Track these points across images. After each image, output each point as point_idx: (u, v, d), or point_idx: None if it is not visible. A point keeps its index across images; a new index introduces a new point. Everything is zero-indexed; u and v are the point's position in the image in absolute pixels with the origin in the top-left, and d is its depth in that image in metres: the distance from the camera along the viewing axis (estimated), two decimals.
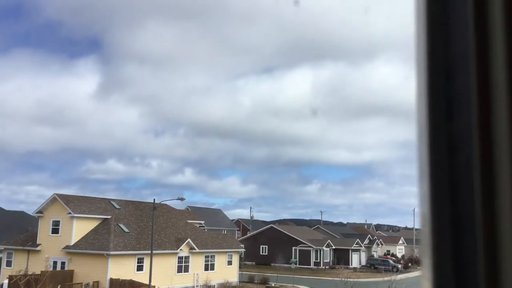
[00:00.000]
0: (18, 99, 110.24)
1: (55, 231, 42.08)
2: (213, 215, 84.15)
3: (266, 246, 75.89)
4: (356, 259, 79.07)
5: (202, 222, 60.87)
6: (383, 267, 71.56)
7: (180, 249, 44.58)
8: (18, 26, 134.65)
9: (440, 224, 0.69)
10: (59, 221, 42.03)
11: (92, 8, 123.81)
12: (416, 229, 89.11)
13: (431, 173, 0.71)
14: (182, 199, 41.52)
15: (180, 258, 44.94)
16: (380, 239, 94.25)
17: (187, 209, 69.53)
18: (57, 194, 42.98)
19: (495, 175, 0.65)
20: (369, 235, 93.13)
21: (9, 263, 42.89)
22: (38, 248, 42.05)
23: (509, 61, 0.65)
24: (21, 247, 42.74)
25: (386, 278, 32.05)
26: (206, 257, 47.87)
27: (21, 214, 56.91)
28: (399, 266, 72.70)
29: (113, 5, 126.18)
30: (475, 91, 0.69)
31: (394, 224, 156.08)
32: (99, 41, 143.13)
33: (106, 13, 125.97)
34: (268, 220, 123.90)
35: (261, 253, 75.66)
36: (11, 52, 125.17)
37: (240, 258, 55.16)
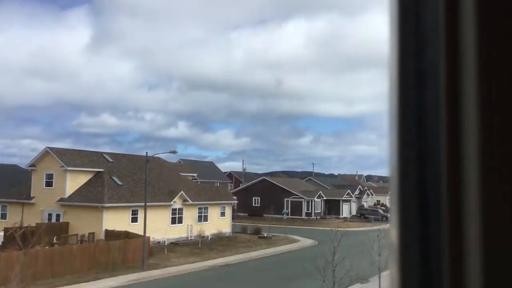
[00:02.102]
0: (10, 52, 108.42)
1: (48, 184, 42.34)
2: (205, 168, 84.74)
3: (259, 198, 77.03)
4: (347, 209, 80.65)
5: (195, 174, 61.36)
6: (372, 216, 73.17)
7: (174, 201, 45.17)
8: None
9: (406, 168, 0.74)
10: (52, 174, 42.22)
11: None
12: None
13: (399, 119, 0.75)
14: (174, 152, 41.74)
15: (173, 210, 45.60)
16: (371, 190, 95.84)
17: (180, 162, 69.94)
18: (49, 148, 42.98)
19: (461, 117, 0.68)
20: (359, 186, 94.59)
21: (3, 216, 43.36)
22: (32, 201, 42.43)
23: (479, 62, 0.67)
24: (15, 200, 43.11)
25: (375, 227, 32.85)
26: (199, 209, 48.59)
27: (14, 168, 56.98)
28: (389, 215, 74.12)
29: None
30: (443, 60, 0.71)
31: (385, 175, 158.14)
32: None
33: None
34: (260, 172, 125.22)
35: (253, 205, 76.87)
36: (1, 4, 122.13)
37: (233, 210, 56.07)
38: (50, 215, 41.45)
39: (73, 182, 41.86)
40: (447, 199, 0.67)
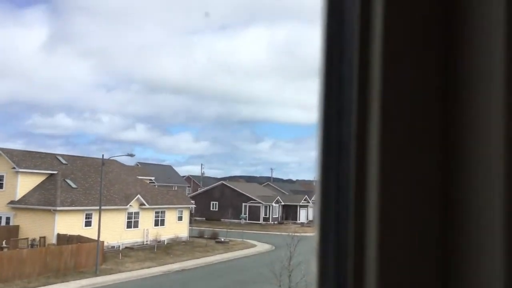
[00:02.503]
0: None
1: None
2: (163, 172, 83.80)
3: (217, 202, 76.76)
4: (304, 215, 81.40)
5: (153, 178, 60.59)
6: None
7: (130, 205, 44.41)
8: None
9: (327, 184, 0.81)
10: (3, 176, 40.78)
11: None
12: None
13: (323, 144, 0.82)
14: (131, 155, 41.25)
15: (129, 214, 44.82)
16: None
17: (137, 165, 68.90)
18: (0, 148, 41.48)
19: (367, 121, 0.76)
20: None
21: None
22: None
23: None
24: None
25: None
26: (156, 213, 47.95)
27: None
28: None
29: None
30: (355, 102, 0.77)
31: None
32: None
33: None
34: (219, 176, 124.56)
35: (211, 209, 76.53)
36: None
37: (191, 214, 55.63)
38: None
39: (25, 184, 40.53)
40: (353, 220, 0.75)
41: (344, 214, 0.77)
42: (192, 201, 58.18)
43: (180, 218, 50.99)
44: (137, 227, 45.55)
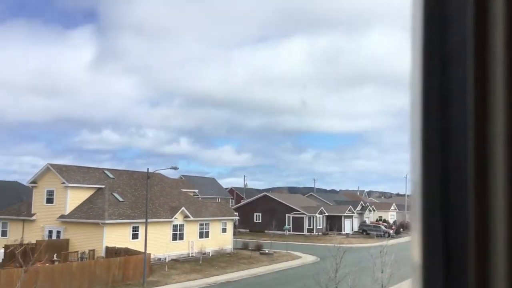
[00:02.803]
0: (14, 70, 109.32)
1: (49, 200, 42.20)
2: (207, 184, 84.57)
3: (260, 214, 76.68)
4: (349, 225, 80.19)
5: (196, 191, 61.21)
6: (375, 232, 72.72)
7: (175, 218, 44.97)
8: None
9: (430, 187, 0.71)
10: (53, 190, 42.10)
11: None
12: (407, 195, 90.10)
13: (423, 139, 0.73)
14: (175, 168, 41.67)
15: (174, 226, 45.37)
16: (372, 206, 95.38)
17: (181, 178, 69.79)
18: (50, 164, 42.92)
19: (488, 137, 0.66)
20: (361, 202, 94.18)
21: (4, 233, 43.14)
22: (33, 218, 42.25)
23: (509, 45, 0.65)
24: (16, 217, 42.93)
25: (377, 243, 32.62)
26: (200, 225, 48.34)
27: (15, 184, 56.92)
28: (391, 231, 73.82)
29: None
30: (471, 80, 0.68)
31: (386, 191, 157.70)
32: (94, 12, 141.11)
33: None
34: (261, 188, 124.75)
35: (255, 221, 76.51)
36: (6, 23, 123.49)
37: (234, 226, 55.79)
38: (50, 232, 41.25)
39: (74, 199, 41.73)
40: (473, 222, 0.65)
41: (456, 218, 0.67)
42: (235, 213, 58.36)
43: (224, 230, 51.21)
44: (182, 239, 46.02)
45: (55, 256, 36.27)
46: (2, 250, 38.08)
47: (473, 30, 0.68)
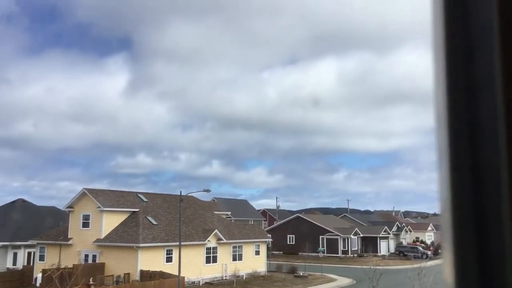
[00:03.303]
0: (51, 98, 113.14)
1: (85, 225, 42.87)
2: (239, 206, 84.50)
3: (293, 236, 75.95)
4: (385, 247, 78.50)
5: (229, 213, 61.15)
6: (412, 254, 70.92)
7: (208, 240, 44.95)
8: (51, 28, 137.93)
9: (461, 213, 0.65)
10: (89, 215, 42.77)
11: (121, 9, 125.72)
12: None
13: (451, 160, 0.66)
14: (208, 190, 41.74)
15: (208, 249, 45.32)
16: (409, 226, 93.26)
17: (214, 200, 69.98)
18: (86, 189, 43.71)
19: None
20: (397, 222, 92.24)
21: (42, 257, 43.92)
22: (69, 242, 42.94)
23: None
24: (53, 242, 43.71)
25: (415, 265, 31.73)
26: (233, 247, 48.15)
27: (52, 209, 58.10)
28: (429, 252, 71.87)
29: (140, 5, 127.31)
30: (499, 73, 0.63)
31: (423, 211, 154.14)
32: (128, 40, 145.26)
33: (135, 13, 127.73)
34: (294, 209, 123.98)
35: (288, 243, 75.78)
36: (44, 53, 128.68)
37: (268, 248, 55.36)
38: (86, 255, 41.79)
39: (109, 223, 42.27)
40: (509, 232, 0.59)
41: (490, 229, 0.61)
42: (268, 235, 57.96)
43: (257, 253, 50.85)
44: (216, 262, 45.89)
45: (91, 280, 36.65)
46: (40, 275, 38.75)
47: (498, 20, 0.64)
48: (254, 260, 49.74)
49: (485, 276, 0.61)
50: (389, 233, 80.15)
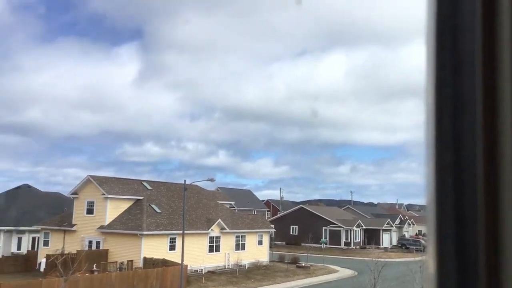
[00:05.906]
0: (61, 85, 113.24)
1: (89, 211, 43.13)
2: (243, 196, 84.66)
3: (296, 226, 76.15)
4: (387, 239, 78.62)
5: (233, 203, 61.31)
6: (414, 247, 70.97)
7: (211, 229, 45.13)
8: (66, 17, 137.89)
9: (444, 209, 0.70)
10: (93, 202, 43.02)
11: (134, 0, 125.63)
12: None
13: (436, 160, 0.72)
14: (212, 180, 41.85)
15: (211, 238, 45.52)
16: (412, 219, 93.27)
17: (218, 190, 70.16)
18: (91, 176, 43.92)
19: (498, 144, 0.66)
20: (400, 215, 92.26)
21: (46, 243, 44.27)
22: (73, 228, 43.24)
23: None
24: (57, 227, 44.03)
25: (417, 258, 31.81)
26: (236, 237, 48.34)
27: (57, 195, 58.46)
28: None
29: None
30: (480, 89, 0.68)
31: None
32: (140, 31, 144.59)
33: (148, 5, 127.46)
34: (298, 200, 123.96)
35: (291, 233, 76.00)
36: (57, 41, 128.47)
37: (271, 238, 55.53)
38: (90, 242, 42.09)
39: (113, 210, 42.50)
40: (484, 228, 0.64)
41: (468, 229, 0.65)
42: (271, 225, 58.13)
43: (260, 243, 51.04)
44: (219, 251, 46.11)
45: (94, 266, 36.95)
46: (44, 260, 39.09)
47: (482, 41, 0.69)
48: (257, 250, 49.94)
49: (463, 270, 0.66)
50: (392, 226, 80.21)
